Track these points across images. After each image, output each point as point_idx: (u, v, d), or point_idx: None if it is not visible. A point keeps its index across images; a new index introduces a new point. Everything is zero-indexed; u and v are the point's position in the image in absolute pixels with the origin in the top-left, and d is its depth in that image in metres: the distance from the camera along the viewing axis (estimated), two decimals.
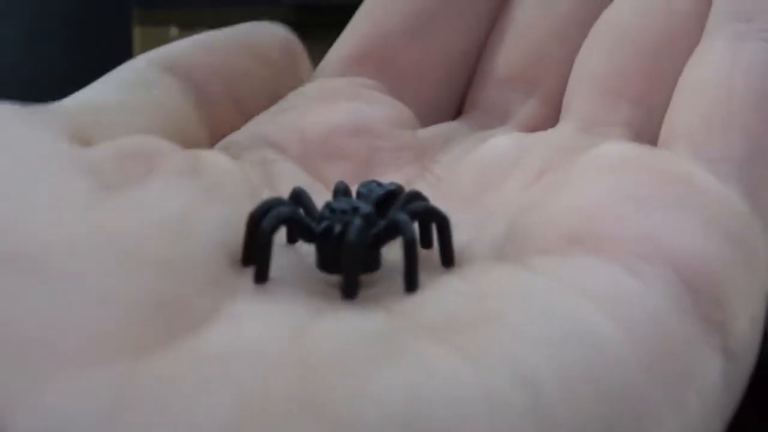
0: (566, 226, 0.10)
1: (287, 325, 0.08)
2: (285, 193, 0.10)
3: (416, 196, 0.10)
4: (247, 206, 0.09)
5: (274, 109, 0.14)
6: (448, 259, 0.10)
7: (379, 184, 0.10)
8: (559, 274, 0.09)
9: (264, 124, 0.14)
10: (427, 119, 0.15)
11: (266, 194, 0.11)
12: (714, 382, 0.09)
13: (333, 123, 0.14)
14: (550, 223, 0.10)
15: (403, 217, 0.09)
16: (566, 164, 0.12)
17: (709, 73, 0.12)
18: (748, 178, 0.11)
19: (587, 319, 0.08)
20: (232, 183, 0.11)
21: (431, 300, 0.09)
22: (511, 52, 0.16)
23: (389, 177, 0.13)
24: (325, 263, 0.09)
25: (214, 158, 0.12)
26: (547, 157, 0.12)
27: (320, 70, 0.16)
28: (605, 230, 0.10)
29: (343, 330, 0.08)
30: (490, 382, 0.07)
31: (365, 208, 0.09)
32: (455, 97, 0.16)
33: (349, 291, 0.09)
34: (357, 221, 0.09)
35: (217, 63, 0.14)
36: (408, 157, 0.14)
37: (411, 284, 0.09)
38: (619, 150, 0.11)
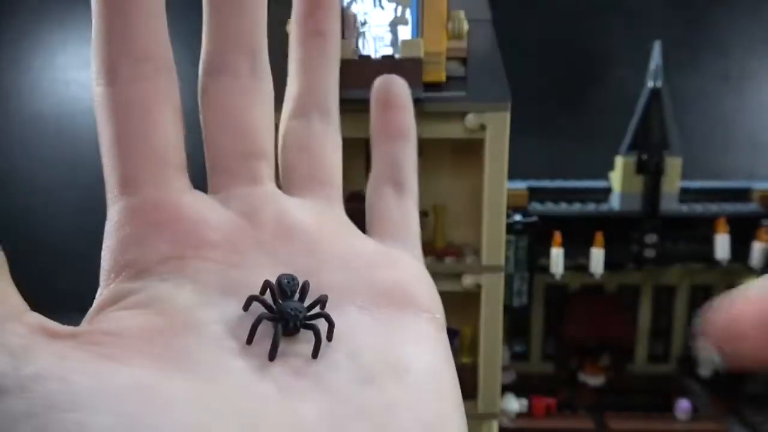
0: (401, 293, 0.20)
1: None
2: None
3: (306, 283, 0.19)
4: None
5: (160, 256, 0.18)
6: (323, 305, 0.19)
7: (289, 281, 0.19)
8: (407, 326, 0.19)
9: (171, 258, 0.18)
10: None
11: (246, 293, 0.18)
12: (449, 346, 0.20)
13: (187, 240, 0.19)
14: (394, 290, 0.20)
15: (326, 313, 0.18)
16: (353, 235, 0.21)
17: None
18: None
19: (431, 360, 0.18)
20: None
21: (352, 358, 0.18)
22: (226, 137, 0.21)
23: (268, 252, 0.19)
24: (286, 333, 0.18)
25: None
26: (335, 224, 0.21)
27: None
28: (419, 298, 0.20)
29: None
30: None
31: (300, 308, 0.19)
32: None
33: (316, 353, 0.18)
34: (318, 333, 0.18)
35: None
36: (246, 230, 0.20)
37: (330, 337, 0.19)
38: (407, 262, 0.21)
